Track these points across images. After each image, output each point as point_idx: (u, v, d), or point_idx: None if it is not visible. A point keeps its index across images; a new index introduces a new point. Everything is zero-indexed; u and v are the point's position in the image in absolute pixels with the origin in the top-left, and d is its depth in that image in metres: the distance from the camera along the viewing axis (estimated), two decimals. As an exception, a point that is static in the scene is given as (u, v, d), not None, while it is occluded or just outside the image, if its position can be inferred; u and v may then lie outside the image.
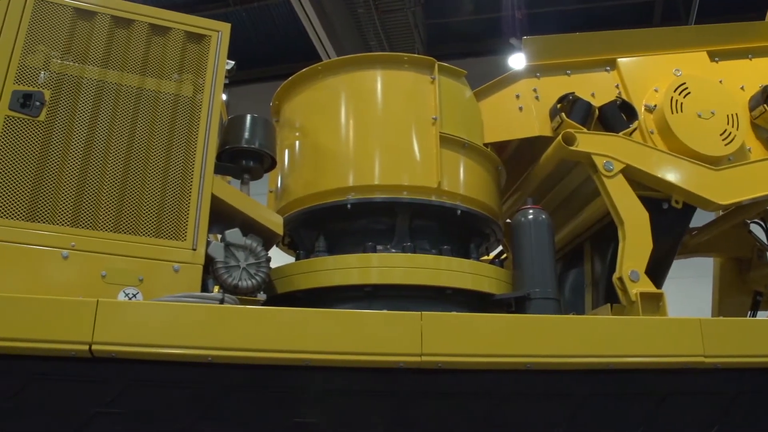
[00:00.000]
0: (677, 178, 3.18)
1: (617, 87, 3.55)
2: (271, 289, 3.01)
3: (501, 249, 4.18)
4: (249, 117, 3.06)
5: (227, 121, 3.11)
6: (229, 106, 3.71)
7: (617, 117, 3.33)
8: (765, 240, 4.25)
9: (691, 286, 6.54)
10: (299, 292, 3.01)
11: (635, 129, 3.30)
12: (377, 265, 2.94)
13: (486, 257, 3.66)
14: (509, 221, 3.45)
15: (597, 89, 3.49)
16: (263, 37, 12.77)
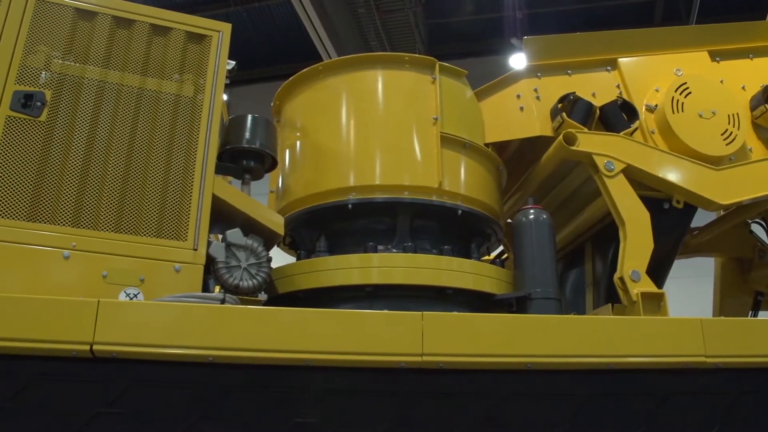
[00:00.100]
0: (678, 177, 3.18)
1: (618, 87, 3.55)
2: (272, 289, 3.01)
3: (502, 249, 4.17)
4: (250, 117, 3.06)
5: (228, 122, 3.11)
6: (230, 106, 3.71)
7: (618, 117, 3.33)
8: (766, 240, 4.25)
9: (692, 286, 6.53)
10: (300, 292, 3.01)
11: (636, 129, 3.30)
12: (378, 265, 2.94)
13: (487, 257, 3.65)
14: (510, 221, 3.45)
15: (598, 89, 3.49)
16: (264, 38, 12.78)
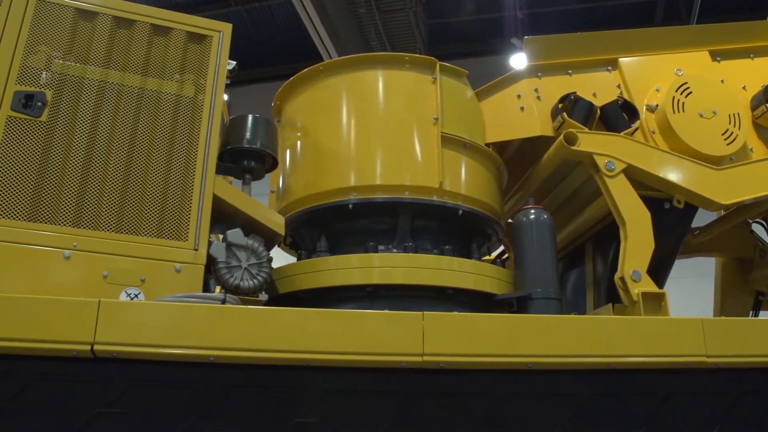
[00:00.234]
0: (679, 177, 3.18)
1: (619, 87, 3.55)
2: (273, 289, 3.00)
3: (502, 249, 4.17)
4: (250, 117, 3.06)
5: (229, 122, 3.11)
6: (231, 106, 3.70)
7: (619, 117, 3.33)
8: (767, 240, 4.24)
9: (693, 285, 6.53)
10: (301, 292, 3.01)
11: (637, 129, 3.30)
12: (379, 265, 2.94)
13: (488, 257, 3.65)
14: (511, 221, 3.44)
15: (598, 89, 3.49)
16: (264, 38, 12.78)
